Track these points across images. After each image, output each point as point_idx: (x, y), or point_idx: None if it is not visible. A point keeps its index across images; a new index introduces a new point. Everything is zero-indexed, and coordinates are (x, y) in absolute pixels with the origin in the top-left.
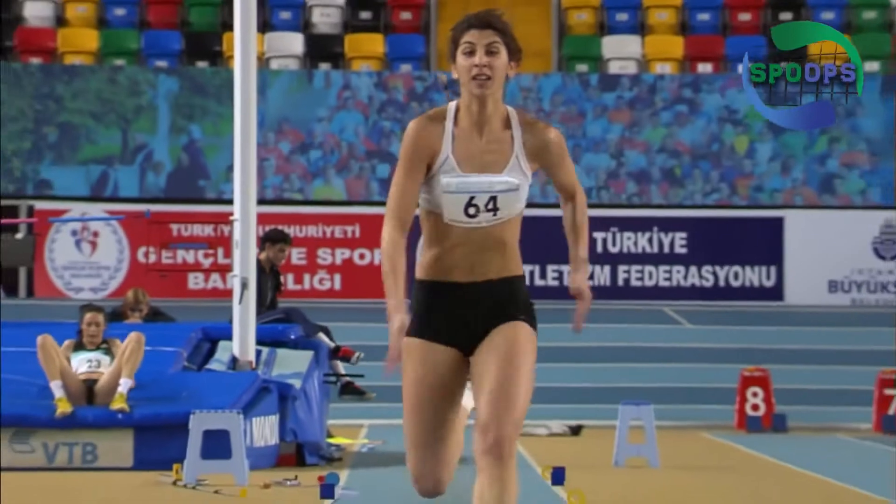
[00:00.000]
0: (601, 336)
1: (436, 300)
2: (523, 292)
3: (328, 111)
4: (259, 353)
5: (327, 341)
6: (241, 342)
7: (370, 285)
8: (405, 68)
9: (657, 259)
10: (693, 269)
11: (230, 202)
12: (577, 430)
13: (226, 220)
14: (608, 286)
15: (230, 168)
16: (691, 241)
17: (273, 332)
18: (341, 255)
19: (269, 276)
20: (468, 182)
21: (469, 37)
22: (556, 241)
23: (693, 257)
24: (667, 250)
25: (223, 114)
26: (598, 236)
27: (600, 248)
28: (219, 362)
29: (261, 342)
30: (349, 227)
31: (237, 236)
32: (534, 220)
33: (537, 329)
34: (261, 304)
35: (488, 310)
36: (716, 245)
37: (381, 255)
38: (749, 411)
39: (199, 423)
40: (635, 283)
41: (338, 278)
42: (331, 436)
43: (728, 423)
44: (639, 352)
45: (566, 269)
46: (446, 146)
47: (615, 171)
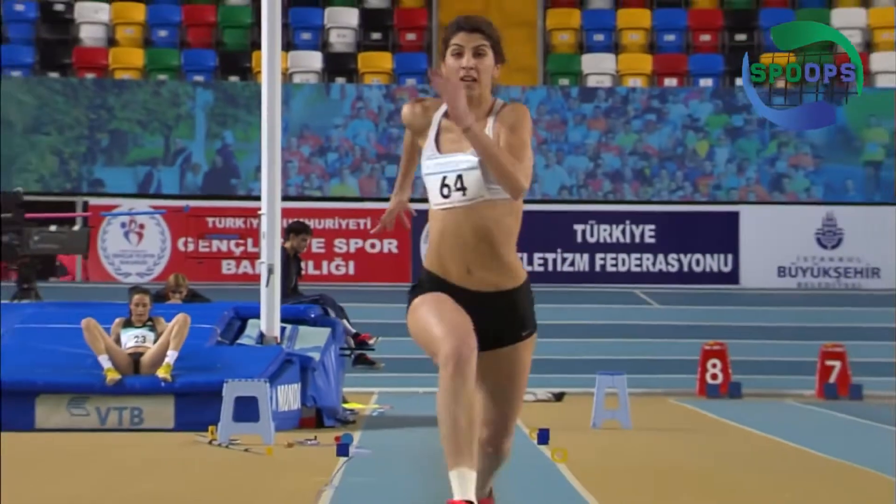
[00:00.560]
0: (581, 315)
1: (439, 287)
2: (526, 302)
3: (343, 119)
4: (283, 329)
5: (349, 327)
6: (268, 320)
7: (380, 271)
8: (410, 82)
9: (629, 248)
10: (660, 257)
11: (258, 198)
12: (559, 397)
13: (254, 214)
14: (587, 271)
15: (258, 168)
16: (659, 233)
17: (295, 312)
18: (355, 244)
19: (292, 263)
20: (440, 162)
21: (458, 39)
22: (540, 232)
23: (660, 246)
24: (637, 240)
25: (252, 122)
26: (578, 228)
27: (580, 239)
28: (248, 338)
29: (285, 320)
30: (362, 220)
31: (264, 228)
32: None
33: (537, 328)
34: (285, 286)
35: (490, 320)
36: (680, 236)
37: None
38: (709, 380)
39: (231, 390)
40: (610, 268)
41: (352, 265)
42: (346, 401)
43: (690, 391)
44: (613, 328)
45: (551, 256)
46: (433, 129)
47: (593, 172)
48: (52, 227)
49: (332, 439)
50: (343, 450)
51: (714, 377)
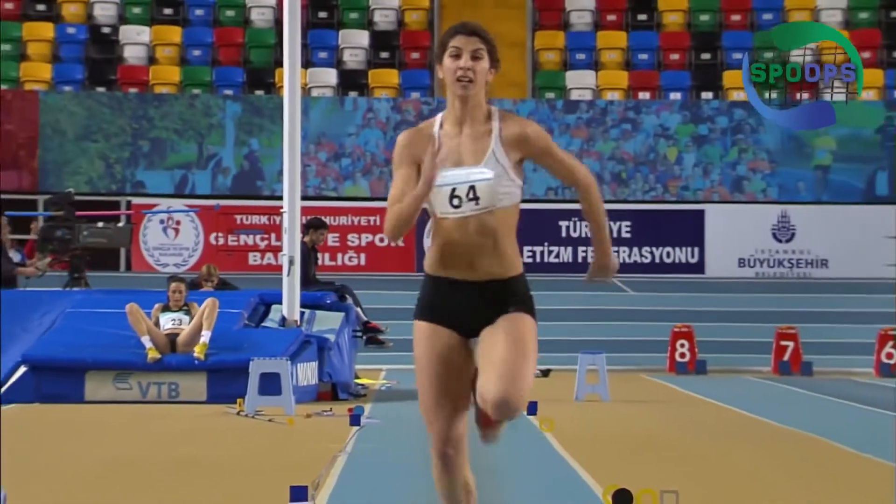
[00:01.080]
0: (565, 301)
1: (439, 291)
2: (523, 288)
3: (355, 128)
4: (302, 314)
5: (362, 315)
6: (289, 306)
7: (388, 262)
8: (415, 95)
9: None
10: (635, 249)
11: (280, 198)
12: (546, 373)
13: (277, 212)
14: (570, 262)
15: (280, 172)
16: (634, 228)
17: (313, 299)
18: (366, 238)
19: (311, 255)
20: (449, 175)
21: (456, 42)
22: (529, 227)
23: (635, 240)
24: (615, 235)
25: (275, 130)
26: (563, 224)
27: (564, 234)
28: (272, 321)
29: (304, 306)
30: (372, 217)
31: (285, 224)
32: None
33: (536, 317)
34: (305, 276)
35: (489, 304)
36: (652, 231)
37: (386, 223)
38: (678, 358)
39: (256, 367)
40: (591, 260)
41: (363, 256)
42: (358, 377)
43: (661, 367)
44: (594, 313)
45: (538, 249)
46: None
47: None
48: (100, 224)
49: (346, 411)
50: (355, 420)
51: (682, 356)
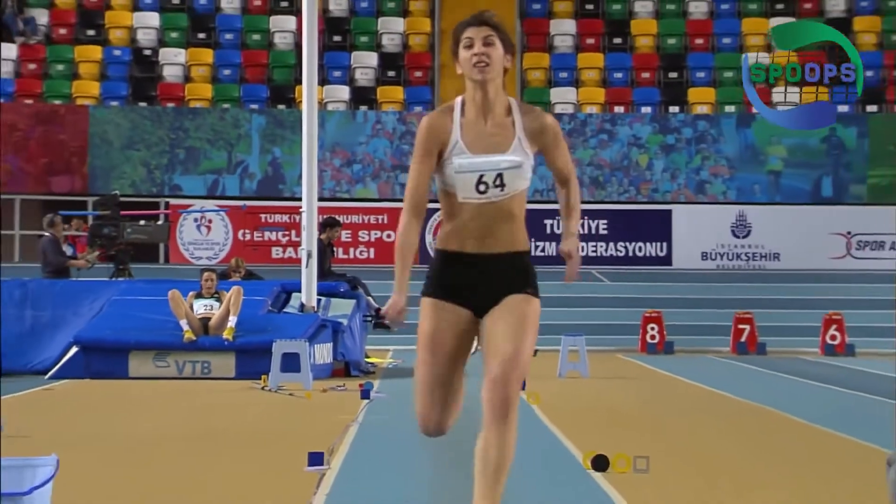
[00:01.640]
0: (549, 290)
1: (449, 266)
2: (529, 266)
3: (366, 138)
4: (319, 301)
5: (372, 302)
6: (307, 294)
7: (394, 255)
8: (418, 109)
9: (587, 237)
10: (611, 244)
11: (300, 199)
12: (534, 354)
13: (297, 211)
14: (554, 256)
15: (300, 176)
16: (610, 226)
17: (328, 288)
18: (374, 235)
19: (327, 250)
20: (477, 162)
21: (469, 33)
22: None
23: (611, 236)
24: (593, 231)
25: (295, 140)
26: (547, 222)
27: (549, 231)
28: (292, 307)
29: (320, 294)
30: (380, 216)
31: (304, 222)
32: None
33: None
34: (321, 268)
35: (497, 280)
36: (626, 228)
37: (396, 238)
38: (648, 340)
39: (279, 348)
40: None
41: (372, 251)
42: (367, 356)
43: (634, 348)
44: (574, 300)
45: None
46: (456, 132)
47: None
48: (142, 222)
49: (357, 386)
50: (365, 394)
51: (653, 338)
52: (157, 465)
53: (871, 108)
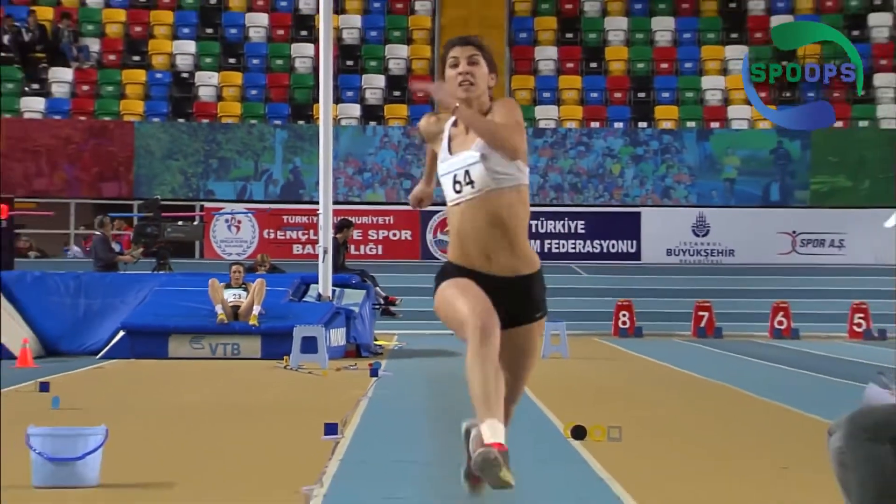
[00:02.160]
0: None
1: (462, 273)
2: (540, 287)
3: (374, 149)
4: (334, 291)
5: (380, 291)
6: (323, 285)
7: (399, 251)
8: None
9: (567, 236)
10: (588, 242)
11: (317, 203)
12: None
13: (315, 213)
14: (538, 252)
15: (317, 183)
16: (586, 226)
17: (342, 280)
18: (382, 234)
19: (341, 247)
20: (451, 162)
21: (454, 52)
22: None
23: (587, 235)
24: (573, 231)
25: (313, 151)
26: (533, 223)
27: (534, 230)
28: (310, 297)
29: (335, 285)
30: (387, 217)
31: (321, 223)
32: None
33: (547, 312)
34: (336, 263)
35: (512, 303)
36: (601, 228)
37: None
38: (620, 325)
39: (299, 332)
40: (555, 250)
41: (380, 247)
42: (376, 339)
43: (608, 332)
44: (556, 290)
45: None
46: (444, 139)
47: (542, 185)
48: (180, 222)
49: (367, 365)
50: (374, 372)
51: (624, 323)
52: (192, 434)
53: None
